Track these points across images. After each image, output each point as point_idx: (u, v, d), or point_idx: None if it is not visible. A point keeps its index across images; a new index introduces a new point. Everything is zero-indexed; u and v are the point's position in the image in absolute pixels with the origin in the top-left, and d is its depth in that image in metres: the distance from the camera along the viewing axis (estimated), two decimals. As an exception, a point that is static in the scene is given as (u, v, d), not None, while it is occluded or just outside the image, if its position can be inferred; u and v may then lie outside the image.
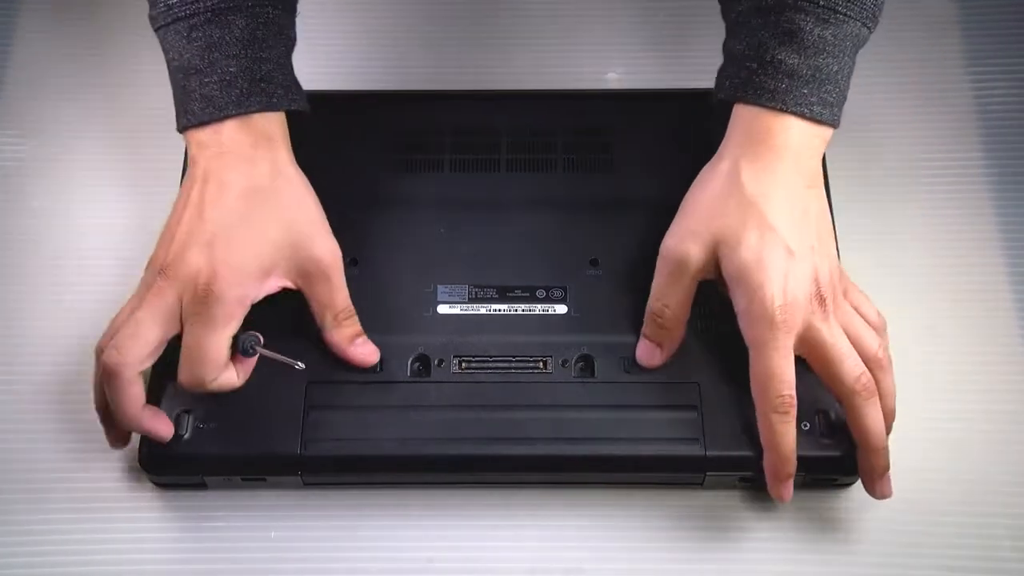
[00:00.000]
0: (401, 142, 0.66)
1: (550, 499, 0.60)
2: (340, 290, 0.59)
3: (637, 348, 0.59)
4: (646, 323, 0.59)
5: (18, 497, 0.60)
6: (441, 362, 0.59)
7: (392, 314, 0.60)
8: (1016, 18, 0.75)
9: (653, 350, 0.59)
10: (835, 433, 0.57)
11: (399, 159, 0.66)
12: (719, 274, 0.57)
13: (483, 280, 0.62)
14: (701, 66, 0.61)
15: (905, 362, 0.62)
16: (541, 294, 0.61)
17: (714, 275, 0.57)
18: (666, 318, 0.58)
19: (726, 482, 0.59)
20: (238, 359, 0.56)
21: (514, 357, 0.59)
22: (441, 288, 0.61)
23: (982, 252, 0.67)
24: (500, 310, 0.61)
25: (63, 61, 0.74)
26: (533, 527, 0.59)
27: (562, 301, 0.61)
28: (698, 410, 0.58)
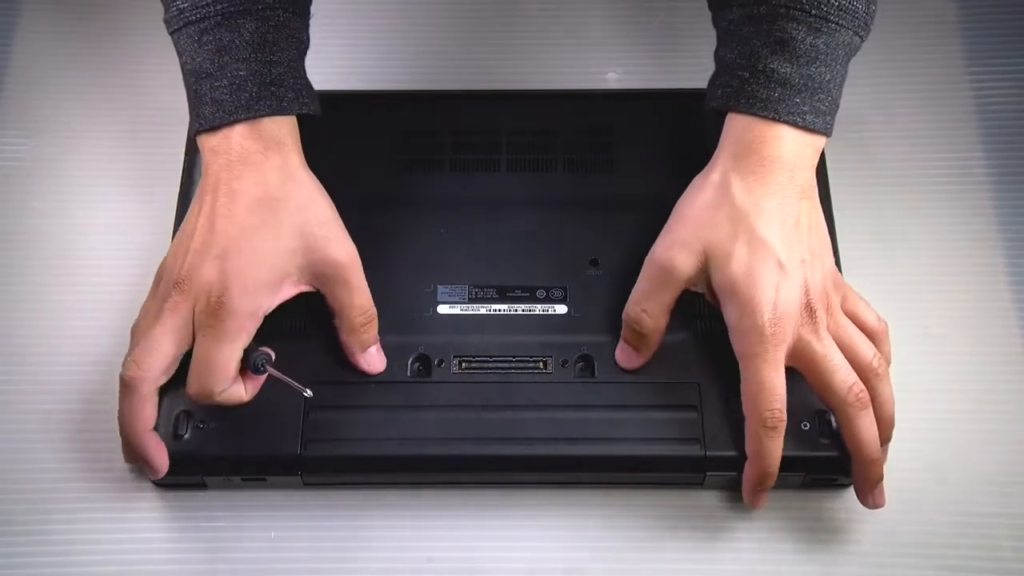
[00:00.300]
0: (401, 142, 0.66)
1: (550, 499, 0.60)
2: (358, 290, 0.58)
3: (616, 351, 0.59)
4: (624, 328, 0.59)
5: (19, 497, 0.60)
6: (441, 362, 0.59)
7: (392, 314, 0.60)
8: (1016, 18, 0.74)
9: (631, 354, 0.59)
10: (835, 433, 0.57)
11: (399, 159, 0.66)
12: (708, 286, 0.57)
13: (483, 280, 0.62)
14: (701, 66, 0.61)
15: (904, 362, 0.62)
16: (541, 294, 0.61)
17: (701, 287, 0.57)
18: (644, 325, 0.58)
19: (726, 482, 0.59)
20: (247, 375, 0.56)
21: (514, 357, 0.60)
22: (441, 288, 0.61)
23: (982, 252, 0.67)
24: (500, 310, 0.61)
25: (64, 61, 0.74)
26: (533, 527, 0.59)
27: (562, 301, 0.61)
28: (698, 410, 0.58)
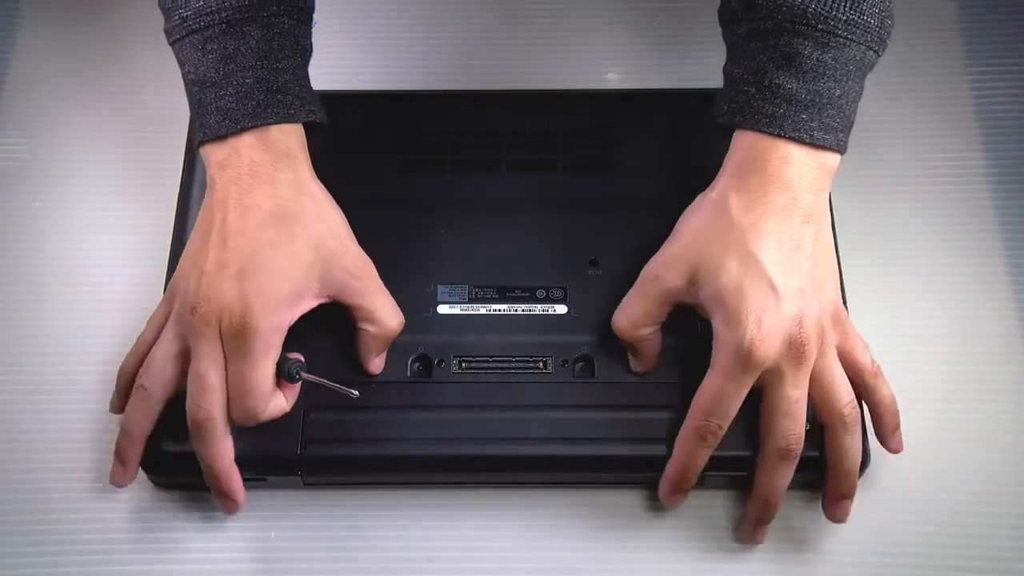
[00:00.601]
0: (401, 142, 0.66)
1: (550, 499, 0.60)
2: (383, 295, 0.58)
3: (630, 361, 0.59)
4: (623, 341, 0.59)
5: (17, 497, 0.60)
6: (441, 362, 0.59)
7: (392, 314, 0.60)
8: (1016, 18, 0.74)
9: (632, 359, 0.59)
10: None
11: (399, 159, 0.65)
12: (697, 301, 0.56)
13: (483, 280, 0.62)
14: (701, 66, 0.61)
15: (904, 362, 0.62)
16: (541, 294, 0.61)
17: (692, 301, 0.56)
18: (622, 330, 0.58)
19: (726, 482, 0.59)
20: (283, 384, 0.56)
21: (514, 357, 0.59)
22: (441, 288, 0.61)
23: (982, 252, 0.67)
24: (500, 310, 0.61)
25: (64, 62, 0.74)
26: (533, 527, 0.59)
27: (562, 301, 0.61)
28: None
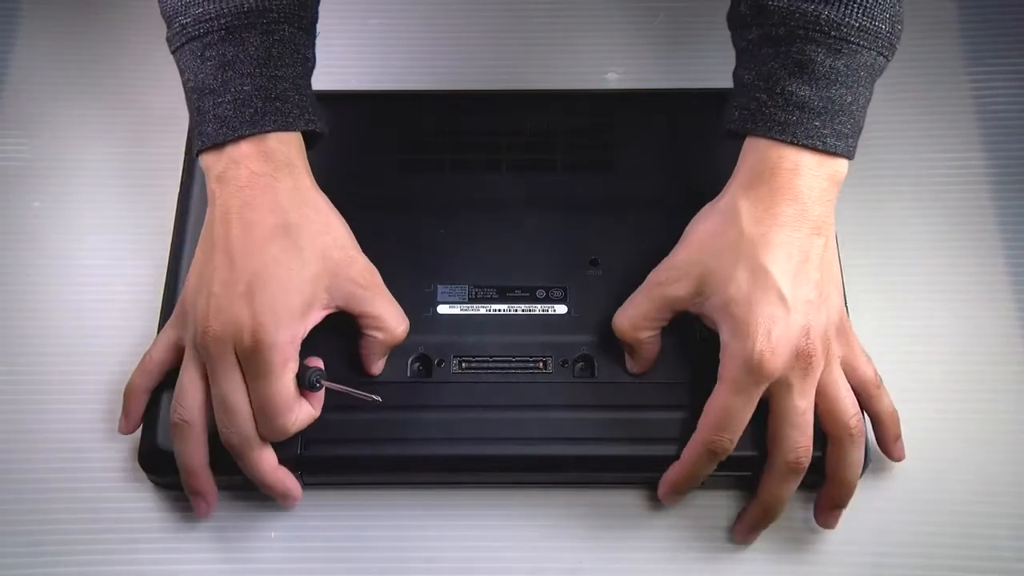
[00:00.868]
0: (402, 142, 0.66)
1: (550, 499, 0.60)
2: (390, 301, 0.58)
3: (626, 361, 0.59)
4: (622, 341, 0.58)
5: (17, 497, 0.60)
6: (441, 362, 0.59)
7: (392, 314, 0.60)
8: (1016, 18, 0.74)
9: (629, 359, 0.59)
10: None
11: (399, 159, 0.65)
12: (703, 311, 0.56)
13: (483, 280, 0.62)
14: (701, 66, 0.61)
15: (904, 362, 0.62)
16: (541, 294, 0.61)
17: (696, 311, 0.56)
18: (622, 330, 0.58)
19: (728, 482, 0.59)
20: (306, 392, 0.56)
21: (514, 357, 0.59)
22: (441, 288, 0.61)
23: (982, 252, 0.67)
24: (500, 310, 0.61)
25: (64, 62, 0.74)
26: (533, 527, 0.59)
27: (562, 301, 0.61)
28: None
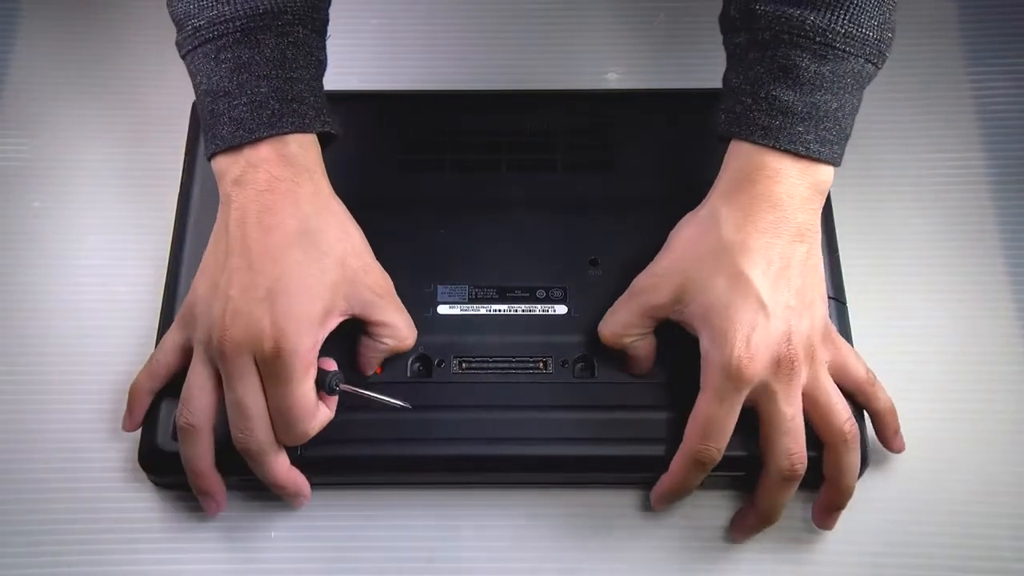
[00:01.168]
0: (402, 142, 0.66)
1: (550, 499, 0.60)
2: (401, 311, 0.58)
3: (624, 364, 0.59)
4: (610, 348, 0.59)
5: (17, 497, 0.60)
6: (441, 363, 0.59)
7: (392, 314, 0.60)
8: (1016, 18, 0.74)
9: (630, 368, 0.59)
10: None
11: (399, 159, 0.65)
12: (683, 318, 0.56)
13: (483, 280, 0.62)
14: (700, 66, 0.61)
15: (904, 362, 0.62)
16: (541, 294, 0.61)
17: (677, 318, 0.56)
18: (605, 335, 0.58)
19: (726, 482, 0.59)
20: (323, 395, 0.56)
21: (514, 357, 0.60)
22: (441, 288, 0.61)
23: (982, 252, 0.67)
24: (500, 310, 0.61)
25: (64, 62, 0.74)
26: (533, 527, 0.59)
27: (562, 301, 0.61)
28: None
